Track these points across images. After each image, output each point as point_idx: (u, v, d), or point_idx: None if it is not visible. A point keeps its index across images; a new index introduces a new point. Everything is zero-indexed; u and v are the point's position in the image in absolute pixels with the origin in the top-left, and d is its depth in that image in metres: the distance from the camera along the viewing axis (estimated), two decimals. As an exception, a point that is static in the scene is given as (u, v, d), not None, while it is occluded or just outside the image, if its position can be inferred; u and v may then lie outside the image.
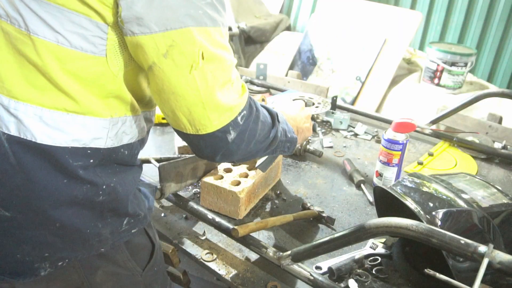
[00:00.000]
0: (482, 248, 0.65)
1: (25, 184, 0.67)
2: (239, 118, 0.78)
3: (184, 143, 1.40)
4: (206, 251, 1.06)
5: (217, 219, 1.11)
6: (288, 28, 3.55)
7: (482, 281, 0.64)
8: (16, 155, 0.66)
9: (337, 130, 1.81)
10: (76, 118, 0.69)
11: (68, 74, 0.67)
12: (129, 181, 0.80)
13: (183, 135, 0.78)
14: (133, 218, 0.81)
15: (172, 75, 0.70)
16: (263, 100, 1.17)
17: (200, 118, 0.74)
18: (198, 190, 1.29)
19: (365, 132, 1.79)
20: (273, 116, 0.92)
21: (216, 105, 0.74)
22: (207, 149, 0.80)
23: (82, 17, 0.65)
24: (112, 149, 0.74)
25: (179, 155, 1.37)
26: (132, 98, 0.76)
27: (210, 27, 0.71)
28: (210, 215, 1.13)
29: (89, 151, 0.71)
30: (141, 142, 0.84)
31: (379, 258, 1.04)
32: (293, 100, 1.88)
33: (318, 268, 1.00)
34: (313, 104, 1.84)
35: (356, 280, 0.97)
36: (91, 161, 0.72)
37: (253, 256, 1.05)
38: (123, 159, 0.78)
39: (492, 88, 2.69)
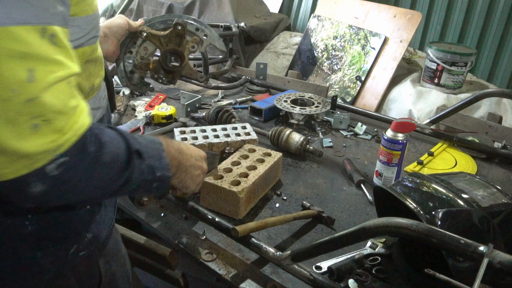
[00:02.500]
0: (482, 248, 0.65)
1: None
2: (50, 167, 0.54)
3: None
4: (206, 251, 1.06)
5: (217, 219, 1.11)
6: (288, 28, 3.55)
7: (482, 281, 0.64)
8: None
9: (337, 130, 1.81)
10: None
11: None
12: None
13: None
14: (79, 242, 0.74)
15: None
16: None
17: None
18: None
19: (365, 132, 1.79)
20: (131, 152, 0.67)
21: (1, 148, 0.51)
22: (5, 196, 0.58)
23: None
24: None
25: None
26: None
27: None
28: (210, 215, 1.13)
29: None
30: None
31: (379, 258, 1.04)
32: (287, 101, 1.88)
33: (318, 268, 1.00)
34: (313, 104, 1.84)
35: (356, 280, 0.97)
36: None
37: (253, 256, 1.05)
38: None
39: (492, 88, 2.69)
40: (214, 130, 1.51)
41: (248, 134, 1.51)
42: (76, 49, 0.67)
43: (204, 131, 1.50)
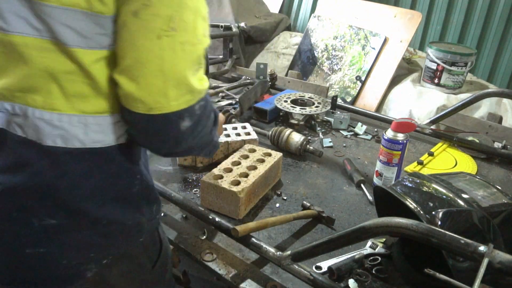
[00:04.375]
0: (482, 248, 0.65)
1: (71, 190, 0.68)
2: (197, 107, 0.71)
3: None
4: (206, 251, 1.06)
5: (217, 219, 1.11)
6: (288, 28, 3.55)
7: (482, 281, 0.64)
8: (63, 165, 0.67)
9: (337, 130, 1.81)
10: (117, 116, 0.70)
11: (107, 76, 0.67)
12: (148, 165, 0.83)
13: (129, 115, 0.68)
14: (157, 203, 0.83)
15: (138, 37, 0.63)
16: None
17: (157, 93, 0.65)
18: (198, 190, 1.28)
19: (365, 132, 1.79)
20: (216, 116, 0.84)
21: (179, 81, 0.66)
22: (155, 136, 0.71)
23: (107, 17, 0.63)
24: None
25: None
26: None
27: None
28: (210, 215, 1.13)
29: (129, 144, 0.74)
30: None
31: (379, 258, 1.04)
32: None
33: (318, 268, 1.00)
34: (313, 104, 1.84)
35: (356, 280, 0.97)
36: (135, 151, 0.76)
37: (253, 256, 1.05)
38: None
39: (492, 88, 2.69)
40: (214, 130, 1.51)
41: (248, 134, 1.51)
42: None
43: (204, 131, 1.50)
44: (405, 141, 1.29)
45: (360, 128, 1.79)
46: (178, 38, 0.64)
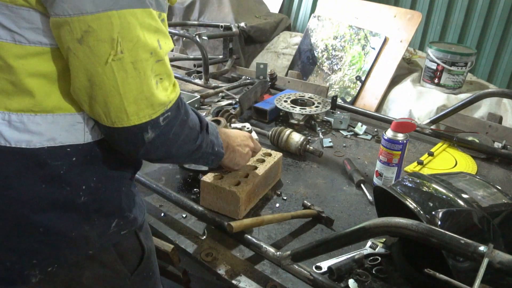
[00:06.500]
0: (482, 248, 0.65)
1: (3, 190, 0.66)
2: (161, 119, 0.72)
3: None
4: (206, 251, 1.06)
5: (217, 219, 1.11)
6: (288, 28, 3.55)
7: (482, 281, 0.64)
8: None
9: (337, 130, 1.81)
10: (46, 117, 0.67)
11: (31, 73, 0.65)
12: (115, 179, 0.78)
13: (98, 124, 0.72)
14: (122, 219, 0.79)
15: (88, 62, 0.64)
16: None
17: (117, 110, 0.68)
18: (198, 190, 1.28)
19: (365, 132, 1.79)
20: (203, 125, 0.89)
21: (136, 98, 0.68)
22: (121, 143, 0.73)
23: (32, 11, 0.62)
24: (93, 144, 0.73)
25: None
26: None
27: (137, 9, 0.65)
28: (210, 215, 1.13)
29: (68, 149, 0.70)
30: None
31: (379, 258, 1.04)
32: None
33: (318, 268, 1.00)
34: (313, 104, 1.84)
35: (356, 280, 0.97)
36: (74, 159, 0.70)
37: (253, 256, 1.05)
38: (107, 155, 0.75)
39: (492, 88, 2.69)
40: (214, 130, 1.51)
41: (248, 134, 1.51)
42: None
43: (204, 131, 1.50)
44: (405, 141, 1.29)
45: (360, 128, 1.79)
46: (128, 58, 0.65)
